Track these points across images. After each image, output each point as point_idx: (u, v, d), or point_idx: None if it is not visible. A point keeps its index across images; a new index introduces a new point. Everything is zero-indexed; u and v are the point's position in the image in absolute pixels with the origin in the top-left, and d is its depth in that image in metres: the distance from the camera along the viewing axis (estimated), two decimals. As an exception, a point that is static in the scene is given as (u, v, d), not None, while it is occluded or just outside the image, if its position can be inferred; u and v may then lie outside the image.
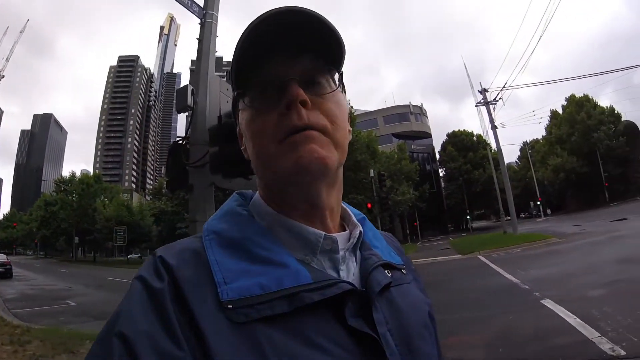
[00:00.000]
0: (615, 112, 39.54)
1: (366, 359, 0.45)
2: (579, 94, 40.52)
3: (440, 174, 55.28)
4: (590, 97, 40.11)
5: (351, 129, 0.60)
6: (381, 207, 27.22)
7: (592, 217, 23.82)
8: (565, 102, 42.25)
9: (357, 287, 0.49)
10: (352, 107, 27.02)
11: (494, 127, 23.40)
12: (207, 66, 3.56)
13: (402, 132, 50.54)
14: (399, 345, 0.49)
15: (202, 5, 3.86)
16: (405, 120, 51.57)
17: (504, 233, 22.66)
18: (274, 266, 0.47)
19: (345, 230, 0.58)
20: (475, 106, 25.08)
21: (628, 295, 5.45)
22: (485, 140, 38.45)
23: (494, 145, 27.19)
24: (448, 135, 53.79)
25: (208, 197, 3.35)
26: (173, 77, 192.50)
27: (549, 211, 45.12)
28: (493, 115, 23.27)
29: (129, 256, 47.21)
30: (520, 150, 57.12)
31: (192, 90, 3.17)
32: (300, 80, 0.50)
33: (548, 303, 5.68)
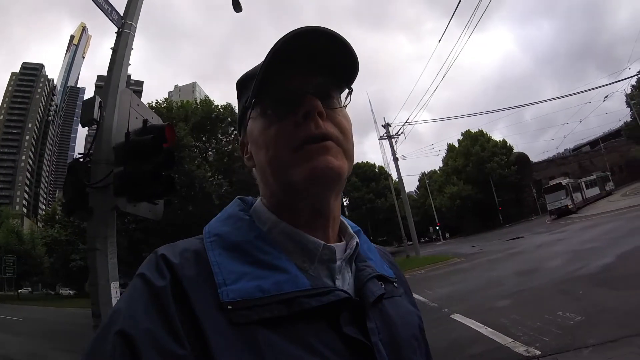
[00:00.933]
0: (508, 144, 46.36)
1: None
2: (474, 129, 46.56)
3: (345, 203, 58.04)
4: (485, 131, 46.45)
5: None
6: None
7: (488, 238, 26.83)
8: (462, 137, 47.78)
9: (352, 297, 0.51)
10: None
11: (395, 159, 25.34)
12: (118, 78, 3.27)
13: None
14: (389, 354, 0.51)
15: (121, 14, 3.62)
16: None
17: (408, 257, 23.62)
18: (274, 270, 0.48)
19: (342, 241, 0.60)
20: (379, 139, 26.89)
21: (532, 303, 6.12)
22: (386, 171, 40.96)
23: (395, 176, 28.95)
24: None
25: (110, 222, 2.96)
26: (76, 91, 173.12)
27: (447, 235, 50.16)
28: (395, 148, 25.19)
29: (19, 290, 39.61)
30: (419, 180, 62.00)
31: (100, 102, 2.86)
32: (317, 93, 0.53)
33: (458, 317, 6.11)
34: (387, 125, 25.76)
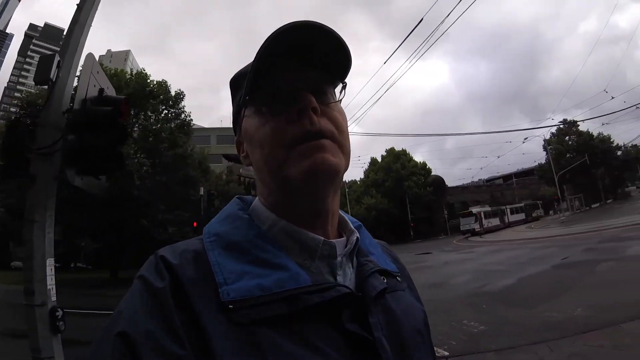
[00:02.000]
0: (427, 167, 50.00)
1: None
2: (398, 148, 49.09)
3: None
4: (408, 152, 49.12)
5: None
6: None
7: (399, 250, 28.75)
8: (385, 153, 50.00)
9: (354, 292, 0.51)
10: (191, 118, 26.12)
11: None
12: (79, 39, 2.98)
13: (234, 154, 51.38)
14: (393, 350, 0.50)
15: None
16: (239, 144, 52.63)
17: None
18: (274, 269, 0.48)
19: (342, 236, 0.59)
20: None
21: (441, 312, 6.65)
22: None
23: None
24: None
25: (51, 193, 2.69)
26: (3, 37, 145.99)
27: (360, 245, 52.80)
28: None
29: None
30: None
31: (59, 62, 2.60)
32: (310, 88, 0.53)
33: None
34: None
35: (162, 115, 25.19)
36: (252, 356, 0.41)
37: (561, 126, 43.62)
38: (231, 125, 0.64)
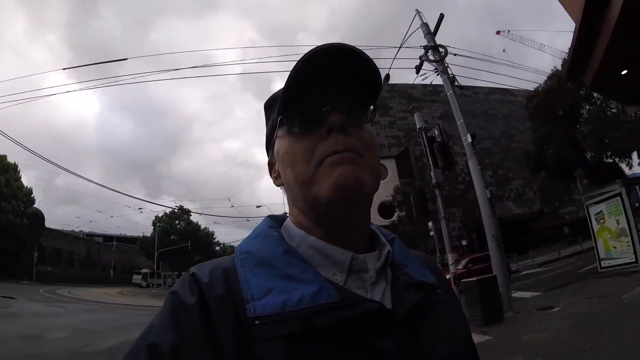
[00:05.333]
0: (32, 195, 40.19)
1: None
2: (12, 159, 38.33)
3: None
4: (19, 169, 39.15)
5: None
6: None
7: None
8: None
9: (385, 307, 0.49)
10: None
11: None
12: None
13: None
14: None
15: None
16: None
17: None
18: (302, 284, 0.48)
19: (374, 250, 0.58)
20: None
21: None
22: None
23: None
24: None
25: None
26: None
27: None
28: None
29: None
30: None
31: None
32: (340, 109, 0.53)
33: None
34: None
35: None
36: None
37: (175, 210, 49.71)
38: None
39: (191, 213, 49.81)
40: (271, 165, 0.63)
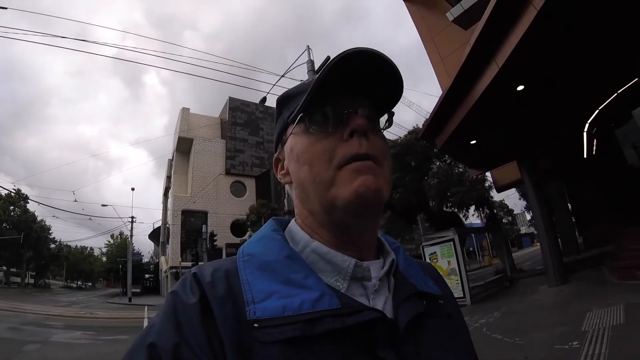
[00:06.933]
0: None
1: None
2: None
3: None
4: None
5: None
6: None
7: None
8: None
9: (386, 316, 0.49)
10: None
11: None
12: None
13: None
14: None
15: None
16: None
17: None
18: (303, 289, 0.47)
19: (379, 258, 0.57)
20: None
21: None
22: None
23: None
24: None
25: None
26: None
27: None
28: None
29: None
30: None
31: None
32: (363, 113, 0.53)
33: None
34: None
35: None
36: None
37: (12, 193, 38.15)
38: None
39: (29, 200, 38.42)
40: (278, 161, 0.62)
